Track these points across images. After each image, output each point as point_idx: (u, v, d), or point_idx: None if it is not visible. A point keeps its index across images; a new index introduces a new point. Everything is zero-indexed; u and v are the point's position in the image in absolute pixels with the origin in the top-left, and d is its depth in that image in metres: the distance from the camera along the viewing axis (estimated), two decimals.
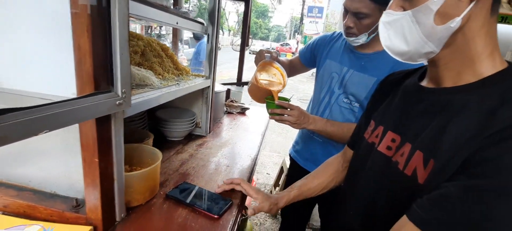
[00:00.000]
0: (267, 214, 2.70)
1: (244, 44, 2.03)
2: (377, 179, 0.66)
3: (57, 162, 0.71)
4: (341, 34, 1.22)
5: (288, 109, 1.08)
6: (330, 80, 1.16)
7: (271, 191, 2.95)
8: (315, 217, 2.47)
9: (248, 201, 2.43)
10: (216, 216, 0.77)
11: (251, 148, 1.33)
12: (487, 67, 0.54)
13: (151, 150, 0.87)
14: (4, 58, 0.63)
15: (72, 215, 0.66)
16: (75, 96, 0.54)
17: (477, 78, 0.54)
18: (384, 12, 0.60)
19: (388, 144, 0.64)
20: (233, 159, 1.18)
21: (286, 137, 5.01)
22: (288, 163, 2.59)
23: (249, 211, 0.82)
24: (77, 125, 0.59)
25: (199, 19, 1.15)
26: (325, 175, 0.93)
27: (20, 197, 0.69)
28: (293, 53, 17.98)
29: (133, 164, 0.86)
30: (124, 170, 0.85)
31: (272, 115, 1.10)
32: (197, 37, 3.26)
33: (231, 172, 1.05)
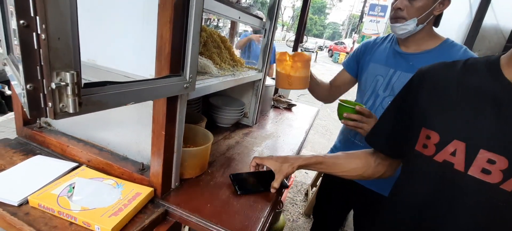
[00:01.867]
0: (301, 212, 2.71)
1: (298, 41, 2.03)
2: (485, 213, 0.54)
3: (130, 131, 0.84)
4: (385, 38, 1.18)
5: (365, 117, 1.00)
6: (375, 83, 1.12)
7: (307, 191, 2.94)
8: (350, 224, 2.40)
9: (284, 196, 2.46)
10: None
11: (294, 143, 1.36)
12: None
13: (204, 131, 0.96)
14: (99, 41, 0.76)
15: (138, 176, 0.78)
16: (153, 77, 0.64)
17: None
18: None
19: (484, 166, 0.52)
20: (276, 151, 1.23)
21: (330, 139, 4.88)
22: None
23: (274, 185, 0.87)
24: (149, 102, 0.69)
25: (260, 13, 1.20)
26: (358, 161, 0.84)
27: (100, 155, 0.84)
28: (347, 53, 17.14)
29: (187, 142, 0.96)
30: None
31: (346, 120, 1.02)
32: (255, 32, 3.35)
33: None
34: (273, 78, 2.55)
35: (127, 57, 0.73)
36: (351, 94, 1.29)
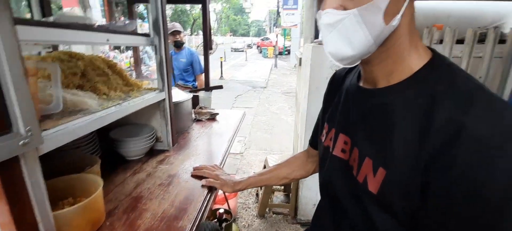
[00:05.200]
0: (255, 215, 2.69)
1: (207, 48, 1.96)
2: (339, 188, 0.64)
3: None
4: None
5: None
6: None
7: (257, 192, 2.94)
8: (302, 212, 2.48)
9: (233, 206, 2.39)
10: None
11: (217, 154, 1.29)
12: (415, 60, 0.52)
13: (92, 178, 0.81)
14: None
15: None
16: None
17: (407, 75, 0.52)
18: (323, 12, 0.51)
19: (342, 147, 0.64)
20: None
21: (272, 132, 5.00)
22: (270, 160, 2.56)
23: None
24: None
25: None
26: (288, 167, 0.98)
27: None
28: (274, 46, 17.73)
29: (77, 195, 0.81)
30: (68, 202, 0.80)
31: None
32: (177, 46, 3.13)
33: (191, 186, 1.00)
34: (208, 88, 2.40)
35: None
36: None
